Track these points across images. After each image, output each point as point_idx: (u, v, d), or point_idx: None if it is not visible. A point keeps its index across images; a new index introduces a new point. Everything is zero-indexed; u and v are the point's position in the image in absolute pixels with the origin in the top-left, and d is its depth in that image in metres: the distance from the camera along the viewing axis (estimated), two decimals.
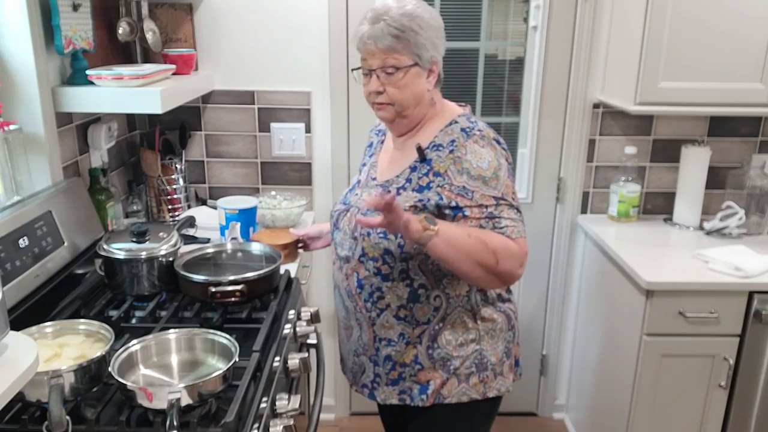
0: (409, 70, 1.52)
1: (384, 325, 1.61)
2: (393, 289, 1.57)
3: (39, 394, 1.19)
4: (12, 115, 1.78)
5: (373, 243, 1.55)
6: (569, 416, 2.95)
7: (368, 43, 1.51)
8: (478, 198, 1.49)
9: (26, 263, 1.58)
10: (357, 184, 1.73)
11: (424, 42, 1.51)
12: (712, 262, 2.18)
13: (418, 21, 1.50)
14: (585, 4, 2.49)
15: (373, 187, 1.65)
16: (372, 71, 1.54)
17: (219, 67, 2.55)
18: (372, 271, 1.58)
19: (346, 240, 1.63)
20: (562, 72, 2.58)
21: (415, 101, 1.56)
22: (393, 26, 1.48)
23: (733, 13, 2.18)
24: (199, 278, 1.67)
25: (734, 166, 2.61)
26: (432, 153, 1.56)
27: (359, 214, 1.59)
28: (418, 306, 1.58)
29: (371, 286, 1.59)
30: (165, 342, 1.41)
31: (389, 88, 1.53)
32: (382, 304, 1.59)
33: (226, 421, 1.18)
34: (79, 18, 1.93)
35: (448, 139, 1.55)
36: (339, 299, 1.71)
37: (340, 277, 1.67)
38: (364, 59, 1.55)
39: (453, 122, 1.59)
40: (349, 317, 1.68)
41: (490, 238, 1.46)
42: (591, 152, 2.66)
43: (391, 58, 1.50)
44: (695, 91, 2.25)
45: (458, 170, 1.50)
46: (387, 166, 1.68)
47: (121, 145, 2.42)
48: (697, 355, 2.17)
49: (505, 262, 1.46)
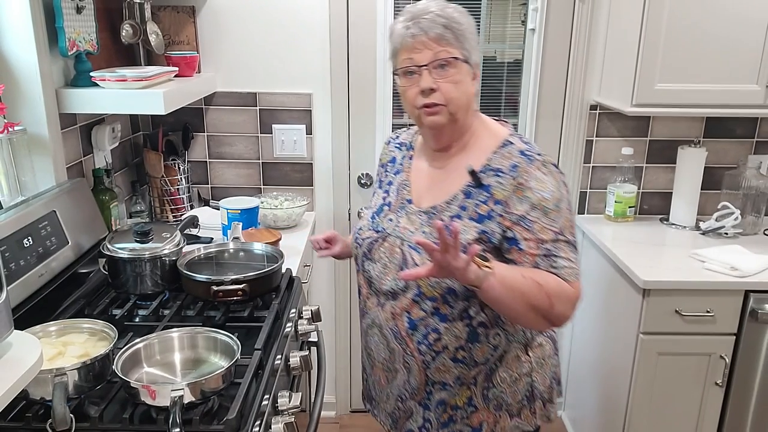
0: (462, 65, 1.37)
1: (439, 368, 1.46)
2: (451, 329, 1.42)
3: (43, 392, 1.20)
4: (16, 116, 1.80)
5: (433, 282, 1.39)
6: (567, 414, 2.97)
7: (417, 35, 1.36)
8: (537, 230, 1.35)
9: (30, 263, 1.59)
10: (386, 206, 1.55)
11: (473, 43, 1.40)
12: (708, 262, 2.20)
13: (463, 18, 1.39)
14: (582, 6, 2.50)
15: (414, 213, 1.47)
16: (421, 67, 1.37)
17: (221, 69, 2.57)
18: (429, 311, 1.42)
19: (388, 273, 1.46)
20: (559, 74, 2.60)
21: (467, 103, 1.41)
22: (442, 16, 1.35)
23: (730, 15, 2.19)
24: (202, 277, 1.69)
25: (730, 167, 2.62)
26: (490, 178, 1.40)
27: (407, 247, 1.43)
28: (477, 346, 1.44)
29: (426, 327, 1.43)
30: (168, 340, 1.43)
31: (443, 84, 1.37)
32: (439, 346, 1.44)
33: (228, 418, 1.20)
34: (82, 20, 1.95)
35: (508, 163, 1.39)
36: (378, 339, 1.52)
37: (380, 315, 1.49)
38: (409, 58, 1.38)
39: (507, 143, 1.44)
40: (393, 360, 1.50)
41: (545, 280, 1.33)
42: (588, 153, 2.68)
43: (444, 50, 1.35)
44: (691, 93, 2.27)
45: (519, 198, 1.36)
46: (426, 187, 1.50)
47: (124, 146, 2.44)
48: (694, 354, 2.18)
49: (559, 306, 1.34)
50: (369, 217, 1.56)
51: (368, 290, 1.52)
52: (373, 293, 1.51)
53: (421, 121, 1.43)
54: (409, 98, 1.41)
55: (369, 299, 1.52)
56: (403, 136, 1.66)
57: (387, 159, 1.65)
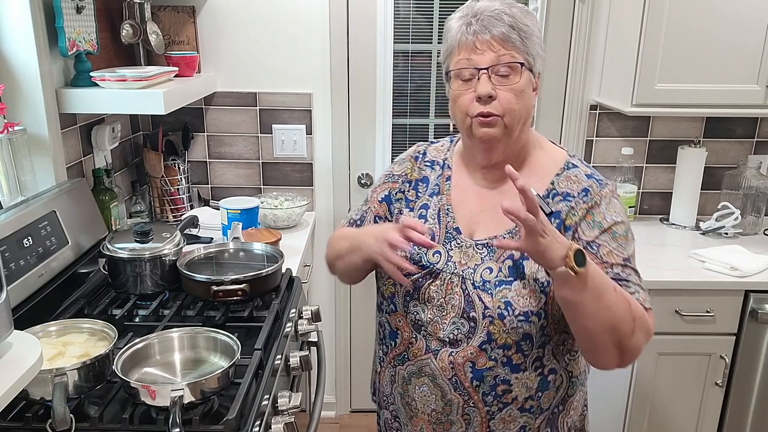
0: (526, 73, 1.22)
1: (504, 419, 1.29)
2: (522, 380, 1.26)
3: (43, 392, 1.19)
4: (16, 116, 1.80)
5: (509, 328, 1.22)
6: None
7: (480, 33, 1.20)
8: (604, 254, 1.22)
9: (30, 263, 1.59)
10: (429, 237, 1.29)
11: (537, 46, 1.24)
12: (708, 262, 2.20)
13: (530, 20, 1.24)
14: (582, 6, 2.50)
15: (470, 246, 1.29)
16: (480, 71, 1.21)
17: (221, 69, 2.57)
18: (500, 361, 1.25)
19: (445, 317, 1.27)
20: (559, 74, 2.60)
21: (526, 116, 1.25)
22: (509, 15, 1.20)
23: (729, 15, 2.19)
24: (202, 277, 1.69)
25: (730, 167, 2.62)
26: (558, 204, 1.26)
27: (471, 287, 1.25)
28: (545, 393, 1.30)
29: (495, 378, 1.26)
30: (168, 340, 1.42)
31: (503, 92, 1.20)
32: (508, 398, 1.27)
33: (228, 418, 1.20)
34: (82, 20, 1.95)
35: (577, 187, 1.27)
36: (429, 390, 1.31)
37: (433, 363, 1.29)
38: (467, 58, 1.22)
39: (571, 165, 1.31)
40: (449, 412, 1.31)
41: (633, 301, 1.18)
42: (588, 153, 2.68)
43: (508, 53, 1.20)
44: (691, 93, 2.27)
45: (589, 223, 1.24)
46: (477, 212, 1.32)
47: (124, 146, 2.44)
48: (694, 354, 2.19)
49: (638, 334, 1.17)
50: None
51: (412, 334, 1.31)
52: (421, 337, 1.30)
53: (472, 132, 1.25)
54: (462, 105, 1.24)
55: (414, 344, 1.31)
56: (431, 153, 1.44)
57: (417, 176, 1.41)
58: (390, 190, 1.44)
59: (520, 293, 1.23)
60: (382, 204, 1.44)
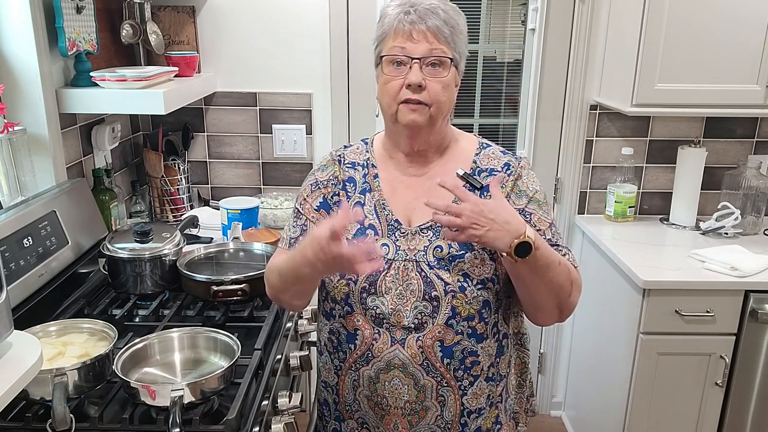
0: (452, 69, 1.28)
1: (476, 393, 1.33)
2: (486, 348, 1.32)
3: (43, 392, 1.20)
4: (16, 116, 1.80)
5: (470, 298, 1.27)
6: (567, 414, 2.97)
7: (417, 23, 1.24)
8: (536, 221, 1.32)
9: (30, 263, 1.59)
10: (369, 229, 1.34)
11: (462, 45, 1.30)
12: (708, 262, 2.20)
13: (460, 18, 1.30)
14: (582, 6, 2.50)
15: (415, 233, 1.31)
16: (413, 60, 1.25)
17: (221, 69, 2.57)
18: (465, 333, 1.29)
19: (407, 305, 1.28)
20: (559, 74, 2.60)
21: (449, 108, 1.31)
22: (442, 9, 1.26)
23: (729, 15, 2.19)
24: (202, 277, 1.69)
25: (730, 167, 2.62)
26: (486, 179, 1.34)
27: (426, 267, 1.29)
28: (502, 359, 1.36)
29: (464, 351, 1.30)
30: (168, 340, 1.43)
31: (432, 83, 1.26)
32: (477, 369, 1.32)
33: (228, 418, 1.20)
34: (82, 20, 1.95)
35: (499, 163, 1.36)
36: (400, 381, 1.31)
37: (401, 353, 1.29)
38: (401, 46, 1.26)
39: (485, 145, 1.41)
40: (423, 398, 1.32)
41: (569, 265, 1.29)
42: (588, 153, 2.68)
43: (440, 47, 1.25)
44: (691, 93, 2.27)
45: (517, 194, 1.34)
46: (410, 200, 1.35)
47: (124, 146, 2.44)
48: (694, 354, 2.18)
49: (575, 294, 1.30)
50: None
51: (374, 330, 1.31)
52: (384, 331, 1.30)
53: (397, 118, 1.29)
54: (391, 90, 1.27)
55: (377, 340, 1.31)
56: (349, 156, 1.43)
57: (344, 177, 1.41)
58: (323, 196, 1.41)
59: (473, 263, 1.28)
60: (320, 211, 1.40)
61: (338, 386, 1.38)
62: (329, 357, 1.39)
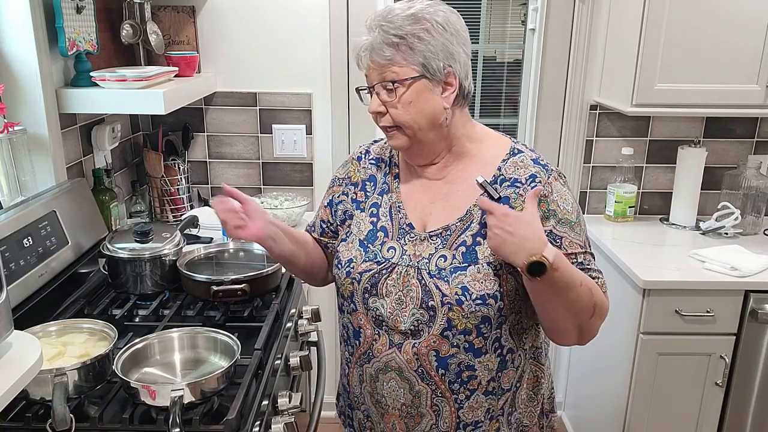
0: (413, 83, 1.23)
1: (472, 406, 1.32)
2: (485, 363, 1.29)
3: (43, 392, 1.20)
4: (16, 116, 1.80)
5: (468, 312, 1.24)
6: (567, 414, 2.97)
7: (362, 56, 1.26)
8: (566, 246, 1.26)
9: (30, 263, 1.59)
10: (380, 232, 1.35)
11: (433, 50, 1.22)
12: (708, 262, 2.20)
13: (425, 25, 1.22)
14: (582, 6, 2.50)
15: (424, 239, 1.31)
16: (371, 88, 1.28)
17: (221, 69, 2.57)
18: (462, 347, 1.27)
19: (405, 310, 1.28)
20: (559, 74, 2.60)
21: (428, 122, 1.26)
22: (391, 33, 1.22)
23: (730, 15, 2.19)
24: (202, 277, 1.69)
25: (730, 167, 2.62)
26: (506, 189, 1.28)
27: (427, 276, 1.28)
28: (504, 373, 1.33)
29: (459, 365, 1.28)
30: (168, 340, 1.43)
31: (390, 108, 1.26)
32: (474, 383, 1.30)
33: (228, 418, 1.20)
34: (82, 20, 1.95)
35: (525, 173, 1.28)
36: (396, 384, 1.32)
37: (398, 357, 1.30)
38: (365, 75, 1.29)
39: (517, 151, 1.33)
40: (419, 404, 1.32)
41: (595, 287, 1.25)
42: (588, 153, 2.68)
43: (390, 71, 1.23)
44: (691, 93, 2.27)
45: (544, 212, 1.25)
46: (427, 204, 1.34)
47: (124, 146, 2.44)
48: (694, 354, 2.18)
49: (596, 318, 1.25)
50: (358, 246, 1.36)
51: (374, 331, 1.33)
52: (383, 333, 1.32)
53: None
54: (373, 118, 1.31)
55: (377, 341, 1.33)
56: (375, 151, 1.46)
57: (363, 176, 1.43)
58: (333, 194, 1.48)
59: (475, 278, 1.25)
60: (327, 208, 1.49)
61: (349, 377, 1.43)
62: (344, 347, 1.43)
